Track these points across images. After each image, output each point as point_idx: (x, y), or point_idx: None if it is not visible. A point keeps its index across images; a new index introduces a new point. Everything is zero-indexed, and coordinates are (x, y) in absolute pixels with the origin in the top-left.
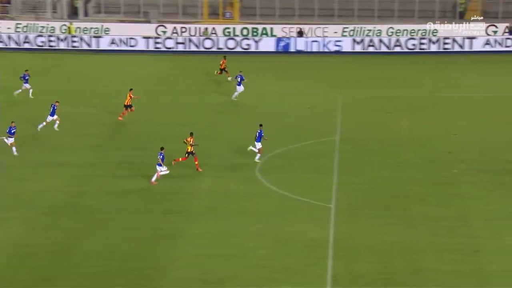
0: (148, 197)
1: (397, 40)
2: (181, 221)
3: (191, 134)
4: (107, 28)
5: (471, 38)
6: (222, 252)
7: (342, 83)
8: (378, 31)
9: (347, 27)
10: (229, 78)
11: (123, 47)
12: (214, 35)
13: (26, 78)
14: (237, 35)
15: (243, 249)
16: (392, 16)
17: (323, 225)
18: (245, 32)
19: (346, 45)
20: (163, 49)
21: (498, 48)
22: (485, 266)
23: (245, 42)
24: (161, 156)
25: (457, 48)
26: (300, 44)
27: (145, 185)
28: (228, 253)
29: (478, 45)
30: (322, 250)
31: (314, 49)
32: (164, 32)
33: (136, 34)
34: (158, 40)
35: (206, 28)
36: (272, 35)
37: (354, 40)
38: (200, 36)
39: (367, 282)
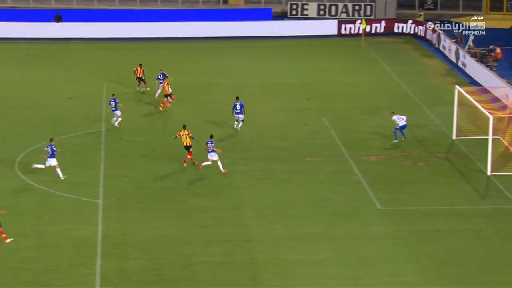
0: None
1: None
2: None
3: (184, 127)
4: None
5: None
6: None
7: (105, 71)
8: None
9: None
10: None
11: None
12: None
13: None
14: None
15: (3, 252)
16: (156, 1)
17: (90, 222)
18: None
19: None
20: None
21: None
22: (256, 255)
23: None
24: (211, 143)
25: (222, 34)
26: None
27: None
28: None
29: (243, 31)
30: (90, 248)
31: None
32: None
33: None
34: None
35: None
36: None
37: None
38: None
39: (139, 280)
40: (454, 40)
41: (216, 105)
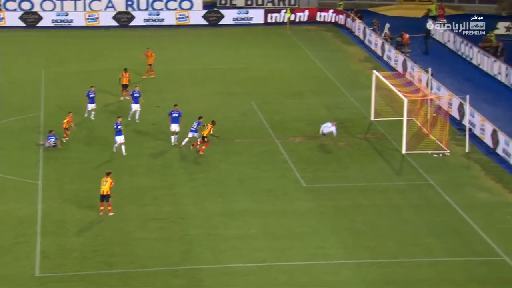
0: None
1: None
2: None
3: (213, 122)
4: None
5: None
6: None
7: (44, 57)
8: None
9: None
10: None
11: None
12: None
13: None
14: None
15: None
16: None
17: (30, 201)
18: None
19: None
20: None
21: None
22: (189, 231)
23: None
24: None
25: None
26: None
27: None
28: None
29: (171, 20)
30: (30, 227)
31: None
32: None
33: None
34: None
35: None
36: None
37: None
38: None
39: (78, 255)
40: (371, 28)
41: (147, 91)
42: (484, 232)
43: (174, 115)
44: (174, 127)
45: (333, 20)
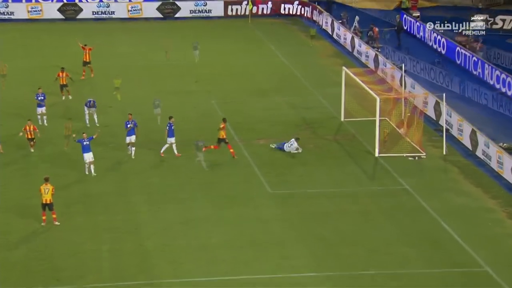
0: None
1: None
2: None
3: (224, 120)
4: None
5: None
6: None
7: None
8: None
9: None
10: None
11: None
12: None
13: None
14: None
15: None
16: None
17: None
18: None
19: None
20: None
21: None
22: (145, 242)
23: None
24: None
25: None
26: None
27: None
28: None
29: (122, 13)
30: None
31: None
32: None
33: None
34: None
35: None
36: None
37: None
38: None
39: (23, 269)
40: (340, 21)
41: (98, 90)
42: (463, 240)
43: (129, 125)
44: (129, 139)
45: (298, 13)
